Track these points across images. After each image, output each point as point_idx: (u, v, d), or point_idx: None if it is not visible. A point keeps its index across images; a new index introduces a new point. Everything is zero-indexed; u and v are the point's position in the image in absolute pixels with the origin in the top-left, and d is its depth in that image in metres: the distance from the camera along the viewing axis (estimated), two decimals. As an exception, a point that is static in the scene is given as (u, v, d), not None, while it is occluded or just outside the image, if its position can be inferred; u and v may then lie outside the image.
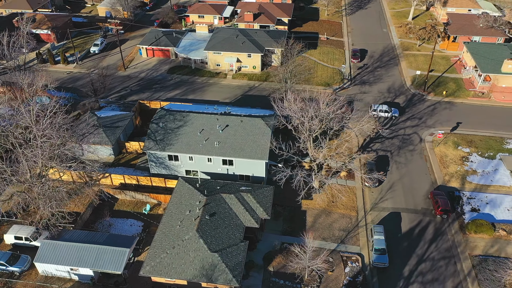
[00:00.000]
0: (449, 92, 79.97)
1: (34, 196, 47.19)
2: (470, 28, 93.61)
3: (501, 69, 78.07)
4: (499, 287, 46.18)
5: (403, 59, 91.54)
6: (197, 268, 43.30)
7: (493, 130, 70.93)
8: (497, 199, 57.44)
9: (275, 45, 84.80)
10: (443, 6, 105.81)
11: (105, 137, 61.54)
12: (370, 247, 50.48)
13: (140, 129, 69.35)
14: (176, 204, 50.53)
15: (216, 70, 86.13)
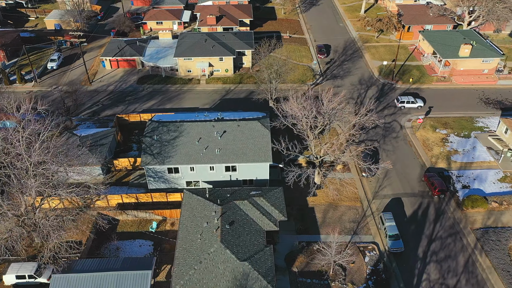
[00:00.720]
0: (415, 79, 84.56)
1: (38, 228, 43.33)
2: (422, 17, 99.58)
3: (459, 54, 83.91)
4: (505, 255, 49.86)
5: (366, 51, 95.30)
6: (229, 279, 42.24)
7: (461, 110, 76.09)
8: (482, 175, 61.80)
9: (245, 46, 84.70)
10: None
11: (92, 157, 57.91)
12: (384, 234, 52.17)
13: (124, 145, 66.08)
14: (189, 217, 48.86)
15: (187, 76, 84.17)
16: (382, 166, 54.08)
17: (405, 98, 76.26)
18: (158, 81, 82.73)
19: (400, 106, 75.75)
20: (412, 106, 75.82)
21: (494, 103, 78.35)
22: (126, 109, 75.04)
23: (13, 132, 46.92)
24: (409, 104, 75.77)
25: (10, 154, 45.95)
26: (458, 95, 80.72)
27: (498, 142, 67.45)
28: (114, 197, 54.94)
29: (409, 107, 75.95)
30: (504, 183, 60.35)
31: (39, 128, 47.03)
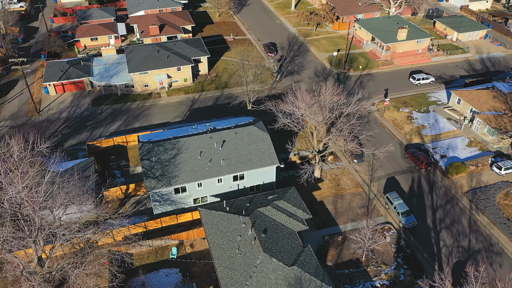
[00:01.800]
0: (363, 66, 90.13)
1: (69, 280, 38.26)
2: (353, 8, 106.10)
3: (397, 38, 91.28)
4: (497, 209, 55.99)
5: (310, 45, 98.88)
6: (283, 286, 41.60)
7: (412, 89, 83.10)
8: (452, 143, 68.34)
9: (200, 53, 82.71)
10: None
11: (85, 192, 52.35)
12: (394, 213, 55.26)
13: (103, 172, 60.73)
14: (216, 234, 46.92)
15: (145, 91, 79.75)
16: (386, 149, 56.98)
17: (419, 75, 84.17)
18: (115, 101, 77.19)
19: (417, 83, 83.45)
20: (426, 82, 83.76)
21: (435, 77, 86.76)
22: (91, 135, 68.90)
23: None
24: (424, 80, 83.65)
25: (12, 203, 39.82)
26: (404, 75, 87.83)
27: (454, 112, 75.03)
28: (120, 230, 50.48)
29: (424, 83, 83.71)
30: (472, 148, 67.52)
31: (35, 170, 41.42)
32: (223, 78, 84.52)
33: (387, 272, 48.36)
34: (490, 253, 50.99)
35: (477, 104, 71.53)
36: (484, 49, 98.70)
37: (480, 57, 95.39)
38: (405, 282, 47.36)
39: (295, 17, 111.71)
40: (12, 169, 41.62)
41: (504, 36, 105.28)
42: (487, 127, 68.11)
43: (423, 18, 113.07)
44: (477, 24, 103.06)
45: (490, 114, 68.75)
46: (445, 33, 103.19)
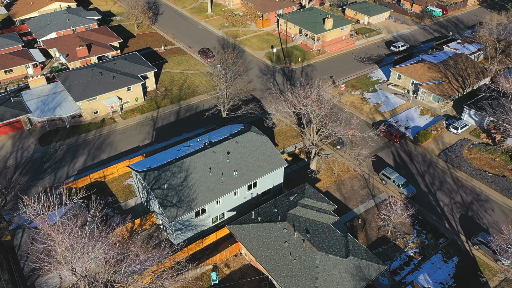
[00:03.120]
0: (302, 58, 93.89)
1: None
2: (271, 4, 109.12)
3: (325, 27, 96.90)
4: (467, 163, 63.85)
5: (243, 45, 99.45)
6: (349, 279, 42.37)
7: (352, 72, 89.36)
8: (408, 115, 75.53)
9: (146, 69, 77.69)
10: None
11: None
12: (394, 187, 59.46)
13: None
14: (260, 247, 45.60)
15: (96, 119, 72.42)
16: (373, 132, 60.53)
17: (398, 44, 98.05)
18: (66, 135, 68.75)
19: (398, 50, 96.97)
20: (404, 48, 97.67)
21: (366, 59, 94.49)
22: (56, 177, 60.60)
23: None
24: (402, 47, 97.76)
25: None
26: (339, 62, 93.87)
27: (397, 88, 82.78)
28: (148, 271, 45.81)
29: (402, 49, 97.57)
30: (425, 115, 75.48)
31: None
32: (174, 91, 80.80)
33: (413, 240, 52.25)
34: (480, 202, 58.21)
35: (416, 77, 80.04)
36: (392, 29, 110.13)
37: (393, 36, 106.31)
38: (431, 245, 51.72)
39: (217, 20, 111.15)
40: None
41: (403, 15, 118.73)
42: (432, 95, 76.80)
43: (331, 7, 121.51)
44: (380, 7, 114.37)
45: (431, 84, 77.57)
46: (357, 18, 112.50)
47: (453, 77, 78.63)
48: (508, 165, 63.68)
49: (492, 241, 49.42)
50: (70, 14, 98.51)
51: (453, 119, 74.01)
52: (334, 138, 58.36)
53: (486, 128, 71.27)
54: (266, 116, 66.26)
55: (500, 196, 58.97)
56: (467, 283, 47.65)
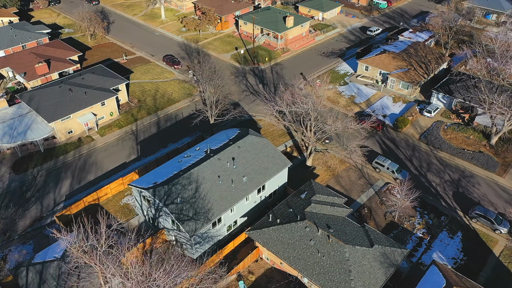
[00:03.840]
0: (268, 58, 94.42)
1: None
2: (228, 7, 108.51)
3: (287, 26, 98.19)
4: (446, 143, 68.02)
5: (206, 49, 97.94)
6: (379, 267, 43.48)
7: (319, 67, 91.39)
8: (383, 103, 78.83)
9: (117, 81, 73.97)
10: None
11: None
12: (389, 173, 61.80)
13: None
14: (285, 249, 45.44)
15: (71, 139, 67.80)
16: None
17: (373, 28, 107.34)
18: (42, 159, 63.69)
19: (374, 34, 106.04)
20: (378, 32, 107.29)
21: (329, 54, 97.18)
22: (44, 205, 55.97)
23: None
24: (376, 31, 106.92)
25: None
26: (304, 58, 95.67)
27: (366, 79, 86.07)
28: None
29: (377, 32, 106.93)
30: (397, 103, 79.24)
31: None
32: (148, 102, 77.78)
33: (418, 222, 54.75)
34: (466, 178, 62.31)
35: (383, 67, 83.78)
36: (346, 23, 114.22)
37: (348, 29, 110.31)
38: (435, 224, 54.52)
39: (172, 26, 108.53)
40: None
41: (352, 9, 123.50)
42: (401, 82, 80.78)
43: (283, 6, 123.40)
44: (332, 2, 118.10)
45: (399, 72, 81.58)
46: (311, 15, 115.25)
47: (417, 64, 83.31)
48: (481, 141, 68.76)
49: (489, 212, 53.45)
50: (16, 29, 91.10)
51: (423, 103, 78.47)
52: (330, 133, 59.53)
53: (455, 109, 76.40)
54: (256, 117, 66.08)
55: (482, 170, 63.56)
56: (475, 254, 50.93)
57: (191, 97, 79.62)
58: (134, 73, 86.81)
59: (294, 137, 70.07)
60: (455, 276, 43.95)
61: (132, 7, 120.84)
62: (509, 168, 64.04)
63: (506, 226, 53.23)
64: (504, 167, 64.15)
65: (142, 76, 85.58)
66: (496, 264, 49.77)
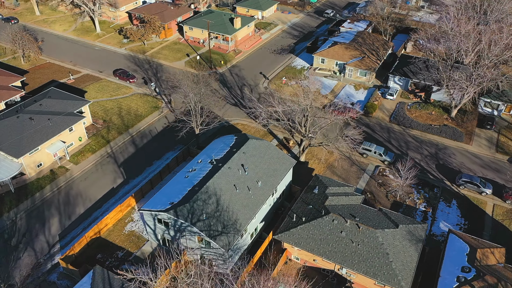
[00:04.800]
0: (223, 61, 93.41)
1: None
2: (169, 13, 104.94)
3: (235, 27, 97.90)
4: (415, 122, 73.33)
5: (157, 59, 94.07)
6: (409, 244, 45.70)
7: (275, 65, 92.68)
8: (347, 92, 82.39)
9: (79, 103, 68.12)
10: (114, 7, 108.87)
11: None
12: (376, 156, 64.95)
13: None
14: (319, 245, 45.94)
15: (41, 172, 61.18)
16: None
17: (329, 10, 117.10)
18: (16, 200, 56.69)
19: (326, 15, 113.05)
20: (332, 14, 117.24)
21: (280, 51, 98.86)
22: (37, 250, 49.92)
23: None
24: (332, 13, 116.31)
25: None
26: (258, 58, 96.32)
27: (324, 71, 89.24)
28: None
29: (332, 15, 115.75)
30: (360, 90, 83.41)
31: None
32: (115, 121, 72.84)
33: (417, 197, 58.48)
34: (442, 150, 67.80)
35: (339, 58, 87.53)
36: (284, 19, 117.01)
37: (288, 26, 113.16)
38: (431, 196, 58.68)
39: (111, 38, 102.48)
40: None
41: (286, 6, 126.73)
42: (359, 70, 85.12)
43: (218, 8, 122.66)
44: (269, 1, 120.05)
45: (355, 61, 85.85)
46: (250, 14, 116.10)
47: (369, 52, 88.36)
48: (443, 115, 75.27)
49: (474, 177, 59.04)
50: None
51: (382, 88, 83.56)
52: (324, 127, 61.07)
53: (411, 90, 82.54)
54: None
55: (451, 141, 69.64)
56: (473, 217, 55.87)
57: (159, 110, 76.24)
58: (87, 92, 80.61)
59: (276, 136, 70.55)
60: (472, 239, 47.93)
61: (59, 22, 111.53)
62: (473, 135, 71.07)
63: (490, 188, 59.14)
64: (468, 136, 70.99)
65: (99, 95, 79.84)
66: (493, 223, 55.18)
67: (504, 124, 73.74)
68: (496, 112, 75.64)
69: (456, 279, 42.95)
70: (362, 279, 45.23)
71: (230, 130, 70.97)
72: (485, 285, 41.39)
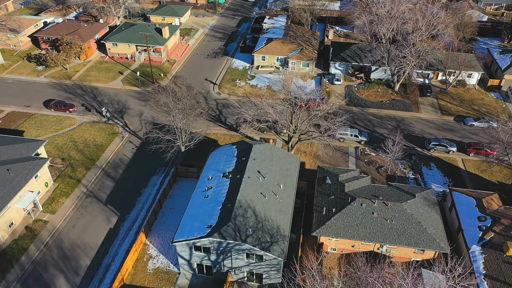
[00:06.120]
0: (163, 73, 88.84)
1: None
2: (87, 32, 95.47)
3: (164, 37, 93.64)
4: (367, 101, 79.34)
5: (87, 82, 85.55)
6: (429, 209, 49.97)
7: (217, 70, 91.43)
8: (300, 85, 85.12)
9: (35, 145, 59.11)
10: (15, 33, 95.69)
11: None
12: (353, 139, 68.82)
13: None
14: (357, 231, 47.75)
15: (15, 232, 52.03)
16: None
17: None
18: (2, 270, 47.47)
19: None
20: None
21: (215, 54, 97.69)
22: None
23: None
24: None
25: None
26: (195, 65, 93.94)
27: (267, 68, 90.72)
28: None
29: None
30: (307, 81, 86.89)
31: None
32: (75, 156, 64.94)
33: (404, 168, 63.71)
34: (401, 122, 74.57)
35: (279, 53, 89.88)
36: (202, 23, 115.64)
37: (209, 28, 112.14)
38: (413, 164, 64.48)
39: (22, 67, 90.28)
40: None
41: (197, 9, 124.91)
42: (302, 62, 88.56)
43: (127, 19, 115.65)
44: (183, 6, 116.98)
45: (296, 54, 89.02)
46: (166, 22, 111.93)
47: (304, 43, 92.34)
48: (388, 91, 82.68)
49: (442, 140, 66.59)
50: None
51: (326, 75, 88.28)
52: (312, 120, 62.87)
53: (351, 73, 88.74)
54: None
55: (404, 113, 77.08)
56: (454, 174, 63.03)
57: (119, 136, 70.01)
58: (26, 131, 70.22)
59: (253, 138, 70.19)
60: (471, 192, 54.33)
61: None
62: (419, 104, 79.59)
63: (454, 146, 67.22)
64: (415, 105, 79.27)
65: (41, 132, 70.13)
66: (469, 175, 63.01)
67: (437, 89, 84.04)
68: (427, 80, 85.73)
69: (478, 228, 48.53)
70: (401, 251, 48.34)
71: (207, 142, 68.39)
72: (503, 227, 47.55)
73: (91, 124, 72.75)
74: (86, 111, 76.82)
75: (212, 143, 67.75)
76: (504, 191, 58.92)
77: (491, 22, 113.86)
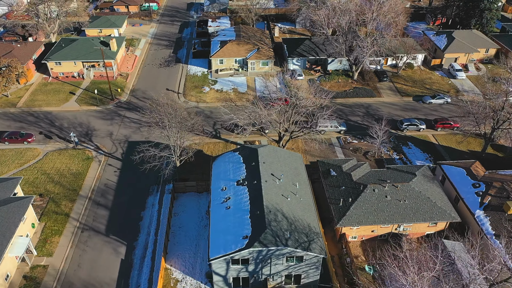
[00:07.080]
0: (120, 88, 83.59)
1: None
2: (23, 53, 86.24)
3: (113, 50, 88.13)
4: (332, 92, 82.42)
5: (37, 107, 77.66)
6: (431, 184, 53.56)
7: (174, 78, 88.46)
8: (260, 84, 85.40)
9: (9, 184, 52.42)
10: None
11: None
12: (333, 129, 71.05)
13: None
14: (376, 216, 49.76)
15: (13, 285, 45.93)
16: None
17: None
18: (9, 332, 41.59)
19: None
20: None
21: (168, 62, 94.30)
22: None
23: None
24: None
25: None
26: (151, 75, 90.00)
27: (227, 70, 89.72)
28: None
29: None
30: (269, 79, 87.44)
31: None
32: (54, 190, 58.97)
33: (387, 150, 67.28)
34: (369, 108, 78.62)
35: (236, 55, 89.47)
36: (141, 32, 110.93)
37: (151, 37, 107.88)
38: (394, 145, 68.43)
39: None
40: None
41: (132, 19, 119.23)
42: (261, 61, 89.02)
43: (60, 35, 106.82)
44: (120, 17, 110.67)
45: (254, 54, 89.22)
46: (104, 34, 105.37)
47: (258, 43, 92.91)
48: (348, 80, 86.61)
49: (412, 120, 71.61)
50: None
51: (287, 72, 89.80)
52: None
53: (308, 67, 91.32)
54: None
55: (369, 99, 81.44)
56: (431, 149, 68.08)
57: (94, 160, 64.87)
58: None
59: (237, 143, 69.31)
60: (458, 163, 59.20)
61: None
62: (379, 89, 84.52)
63: (424, 124, 72.64)
64: (376, 91, 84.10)
65: (3, 169, 62.44)
66: (442, 148, 68.56)
67: (390, 74, 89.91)
68: (379, 66, 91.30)
69: (475, 195, 53.22)
70: (417, 227, 51.36)
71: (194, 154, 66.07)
72: (497, 190, 52.67)
73: (58, 152, 66.43)
74: (47, 139, 69.97)
75: (199, 153, 65.71)
76: (477, 158, 65.17)
77: (413, 7, 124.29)
